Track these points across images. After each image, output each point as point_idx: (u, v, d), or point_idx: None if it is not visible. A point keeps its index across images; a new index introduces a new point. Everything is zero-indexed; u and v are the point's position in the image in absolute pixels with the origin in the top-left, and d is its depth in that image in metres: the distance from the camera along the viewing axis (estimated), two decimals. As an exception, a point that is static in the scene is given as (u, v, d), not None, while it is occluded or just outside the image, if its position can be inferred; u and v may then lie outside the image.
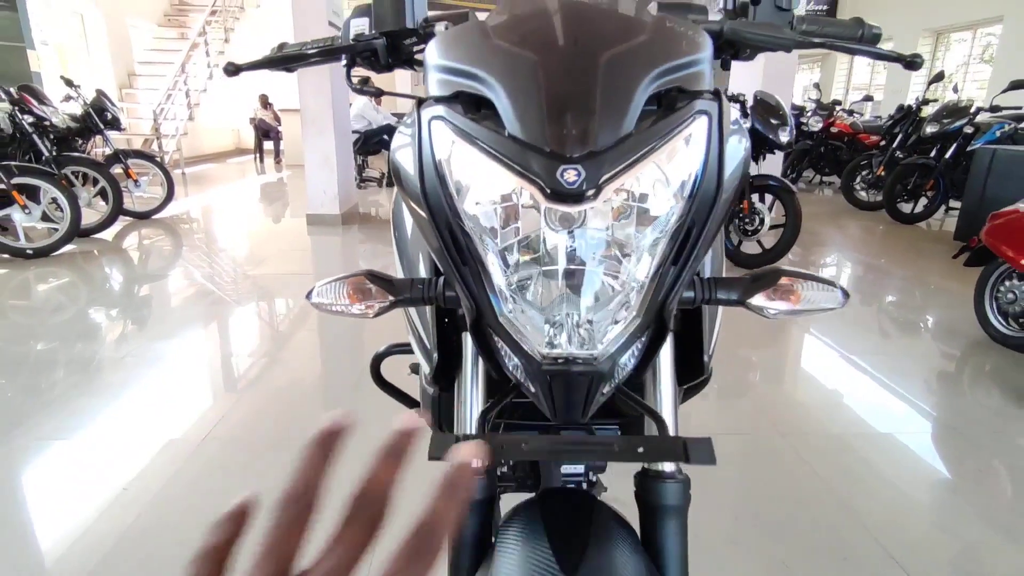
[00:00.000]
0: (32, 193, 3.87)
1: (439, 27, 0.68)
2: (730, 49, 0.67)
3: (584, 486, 0.83)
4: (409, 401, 0.99)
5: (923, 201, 5.55)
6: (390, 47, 0.70)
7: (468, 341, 0.56)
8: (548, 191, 0.42)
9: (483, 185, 0.46)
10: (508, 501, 0.67)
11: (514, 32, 0.49)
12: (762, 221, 3.84)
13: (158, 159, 5.68)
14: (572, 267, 0.47)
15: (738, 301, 0.53)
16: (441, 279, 0.53)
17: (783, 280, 0.51)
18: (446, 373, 0.65)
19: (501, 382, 0.57)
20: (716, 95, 0.50)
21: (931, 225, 5.65)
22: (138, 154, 5.23)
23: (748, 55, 0.70)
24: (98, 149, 5.65)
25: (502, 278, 0.48)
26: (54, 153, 4.33)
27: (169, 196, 5.40)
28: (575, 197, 0.42)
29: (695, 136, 0.47)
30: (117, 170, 4.83)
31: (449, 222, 0.48)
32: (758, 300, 0.52)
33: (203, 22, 8.79)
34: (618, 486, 1.03)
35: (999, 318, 2.59)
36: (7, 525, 1.45)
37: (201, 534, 0.24)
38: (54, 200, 3.92)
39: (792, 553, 1.40)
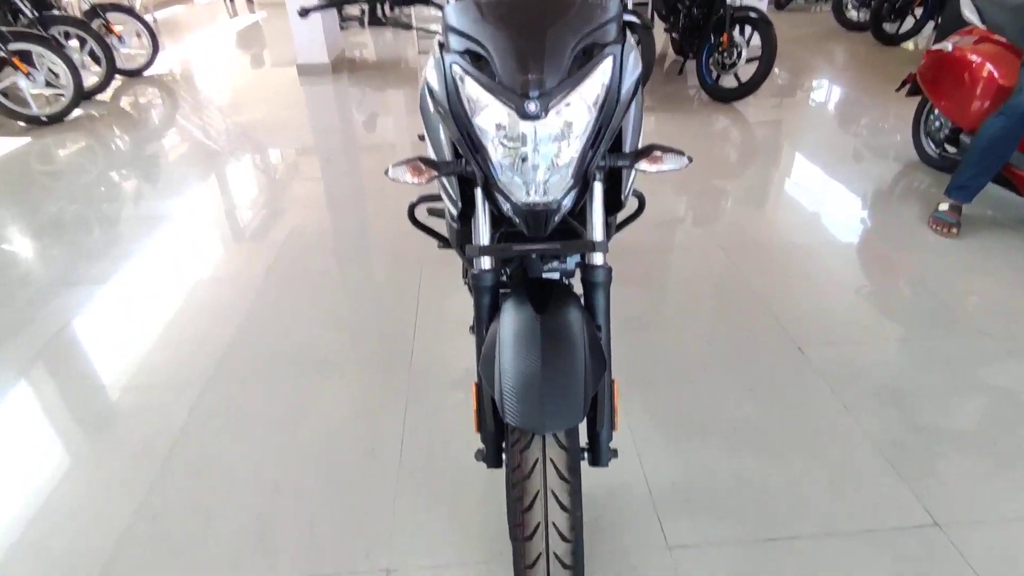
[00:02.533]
0: (26, 59, 3.96)
1: (444, -13, 1.01)
2: None
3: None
4: (434, 235, 1.43)
5: (911, 21, 5.55)
6: (413, -7, 1.03)
7: (479, 195, 0.97)
8: (520, 114, 0.82)
9: (485, 106, 0.85)
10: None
11: (497, 13, 0.85)
12: (739, 55, 4.00)
13: (136, 11, 5.53)
14: (536, 149, 0.87)
15: (630, 165, 0.93)
16: (462, 159, 0.93)
17: (655, 152, 0.91)
18: (464, 216, 1.07)
19: (500, 219, 0.99)
20: (623, 35, 0.88)
21: (919, 44, 5.70)
22: (115, 7, 5.10)
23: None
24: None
25: (498, 157, 0.88)
26: (35, 14, 4.31)
27: (155, 50, 5.38)
28: (535, 117, 0.82)
29: (603, 71, 0.85)
30: (96, 25, 4.79)
31: (466, 124, 0.87)
32: (641, 164, 0.92)
33: None
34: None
35: (929, 143, 2.96)
36: (125, 341, 1.98)
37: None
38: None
39: (712, 330, 1.95)
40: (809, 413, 1.61)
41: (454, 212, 1.06)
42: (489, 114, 0.85)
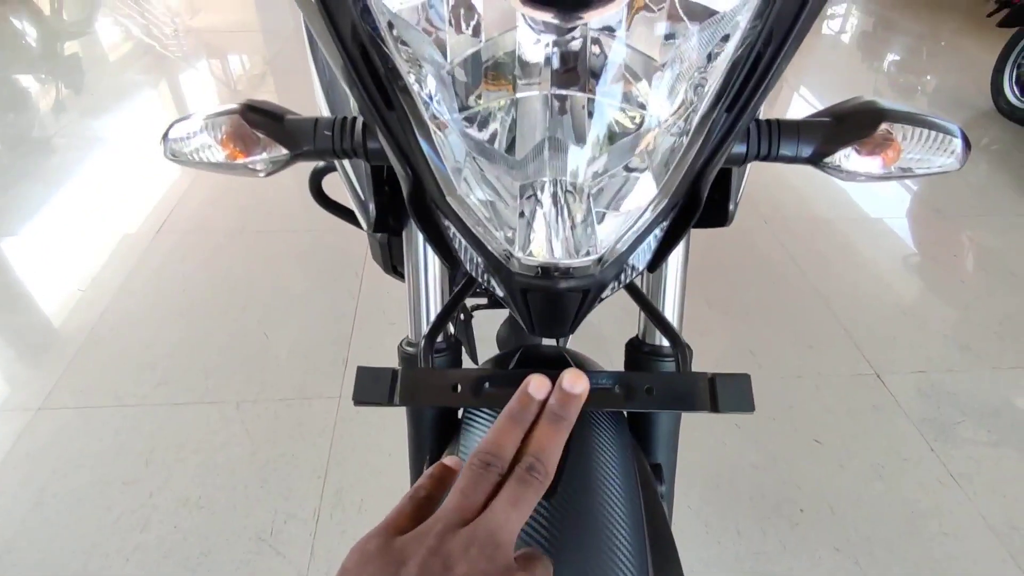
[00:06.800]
0: None
1: None
2: None
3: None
4: (352, 219, 0.84)
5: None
6: None
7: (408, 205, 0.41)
8: None
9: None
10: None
11: None
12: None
13: None
14: (564, 92, 0.29)
15: (811, 159, 0.36)
16: (361, 120, 0.36)
17: (883, 126, 0.34)
18: (394, 216, 0.51)
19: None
20: None
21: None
22: None
23: None
24: None
25: (452, 125, 0.31)
26: None
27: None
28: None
29: None
30: None
31: (355, 25, 0.29)
32: (841, 158, 0.35)
33: None
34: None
35: (1014, 89, 2.38)
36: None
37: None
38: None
39: (760, 341, 1.44)
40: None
41: (365, 223, 0.50)
42: None
